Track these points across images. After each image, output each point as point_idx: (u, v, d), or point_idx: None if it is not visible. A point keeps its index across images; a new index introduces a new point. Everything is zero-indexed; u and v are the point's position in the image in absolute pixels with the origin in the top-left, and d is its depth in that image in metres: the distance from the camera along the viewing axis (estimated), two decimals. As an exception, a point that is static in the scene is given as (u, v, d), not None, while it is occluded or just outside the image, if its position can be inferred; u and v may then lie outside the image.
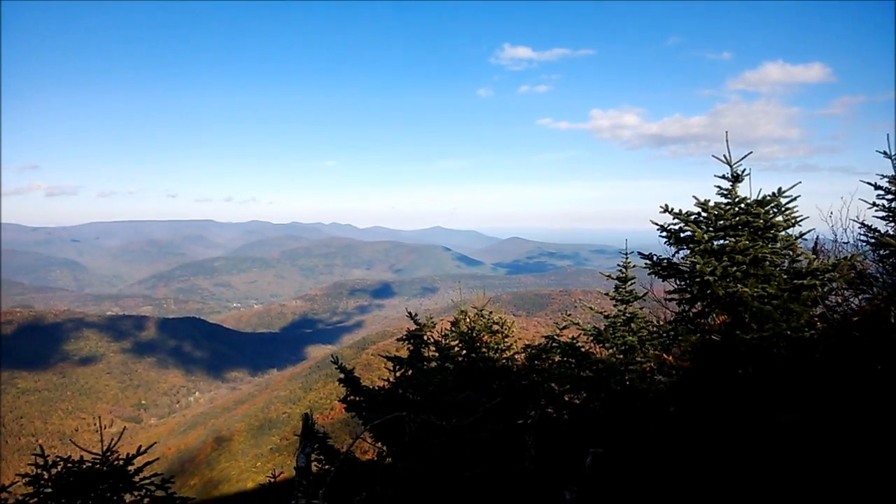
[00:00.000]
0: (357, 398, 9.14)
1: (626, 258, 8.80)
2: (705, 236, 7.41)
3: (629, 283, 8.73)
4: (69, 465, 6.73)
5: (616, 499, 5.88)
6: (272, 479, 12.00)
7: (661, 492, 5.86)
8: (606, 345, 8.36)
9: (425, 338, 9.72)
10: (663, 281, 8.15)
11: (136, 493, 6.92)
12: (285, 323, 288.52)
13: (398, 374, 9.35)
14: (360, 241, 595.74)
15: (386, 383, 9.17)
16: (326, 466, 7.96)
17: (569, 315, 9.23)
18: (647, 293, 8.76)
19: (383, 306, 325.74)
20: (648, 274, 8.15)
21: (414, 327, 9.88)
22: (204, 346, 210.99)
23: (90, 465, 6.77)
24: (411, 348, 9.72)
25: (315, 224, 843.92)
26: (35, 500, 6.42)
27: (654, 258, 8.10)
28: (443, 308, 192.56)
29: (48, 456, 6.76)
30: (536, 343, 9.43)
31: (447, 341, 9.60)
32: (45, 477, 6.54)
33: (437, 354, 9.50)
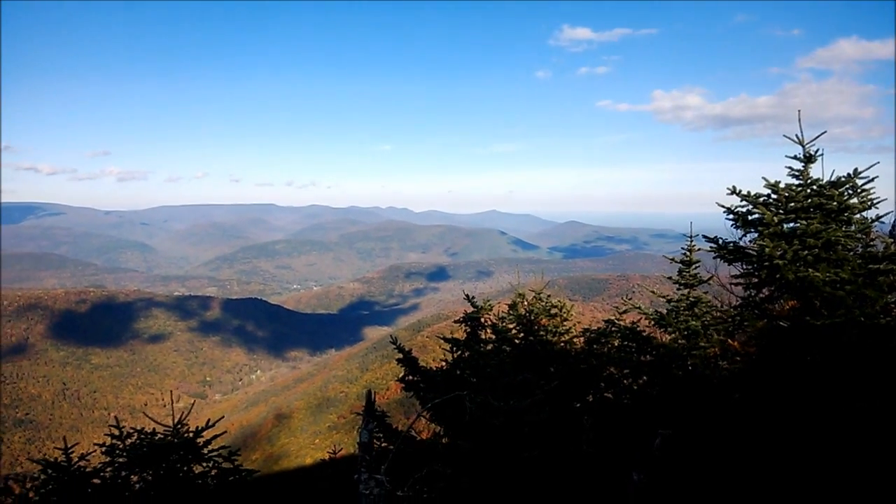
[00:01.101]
0: (415, 378, 9.24)
1: (691, 241, 8.56)
2: (775, 219, 7.14)
3: (693, 266, 8.50)
4: (143, 436, 7.07)
5: (684, 480, 5.78)
6: (332, 455, 12.30)
7: (727, 476, 5.74)
8: (669, 329, 8.17)
9: (482, 320, 9.73)
10: (729, 265, 7.92)
11: (204, 465, 7.21)
12: (343, 304, 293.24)
13: (455, 355, 9.39)
14: (416, 224, 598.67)
15: (444, 364, 9.23)
16: (384, 444, 8.09)
17: (629, 299, 9.06)
18: (711, 277, 8.52)
19: (438, 289, 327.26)
20: (714, 258, 7.93)
21: (471, 310, 9.89)
22: (265, 326, 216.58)
23: (162, 436, 7.09)
24: (468, 330, 9.74)
25: (372, 208, 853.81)
26: (111, 468, 6.76)
27: (720, 241, 7.86)
28: (497, 292, 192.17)
29: (123, 427, 7.11)
30: (595, 327, 9.31)
31: (504, 324, 9.58)
32: (121, 447, 6.89)
33: (494, 337, 9.49)
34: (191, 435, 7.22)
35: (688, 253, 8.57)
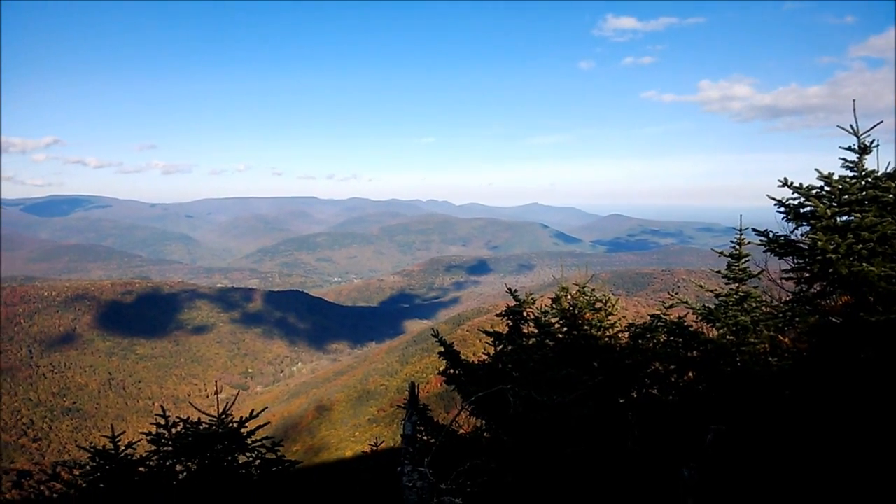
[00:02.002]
0: (456, 371, 9.26)
1: (740, 235, 8.38)
2: (828, 212, 6.95)
3: (743, 260, 8.32)
4: (188, 425, 7.25)
5: (736, 477, 5.69)
6: (374, 448, 12.44)
7: (778, 473, 5.63)
8: (717, 325, 8.01)
9: (525, 314, 9.70)
10: (779, 259, 7.75)
11: (248, 455, 7.35)
12: (383, 297, 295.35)
13: (497, 349, 9.38)
14: (457, 217, 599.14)
15: (486, 358, 9.23)
16: (426, 437, 8.15)
17: (675, 294, 8.91)
18: (761, 272, 8.33)
19: (479, 283, 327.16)
20: (764, 251, 7.76)
21: (513, 303, 9.86)
22: (307, 318, 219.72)
23: (207, 426, 7.25)
24: (510, 324, 9.72)
25: (413, 201, 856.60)
26: (157, 456, 6.96)
27: (771, 235, 7.69)
28: (539, 285, 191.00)
29: (169, 417, 7.32)
30: (639, 322, 9.20)
31: (547, 318, 9.53)
32: (167, 436, 7.08)
33: (536, 331, 9.45)
34: (235, 425, 7.35)
35: (737, 246, 8.38)
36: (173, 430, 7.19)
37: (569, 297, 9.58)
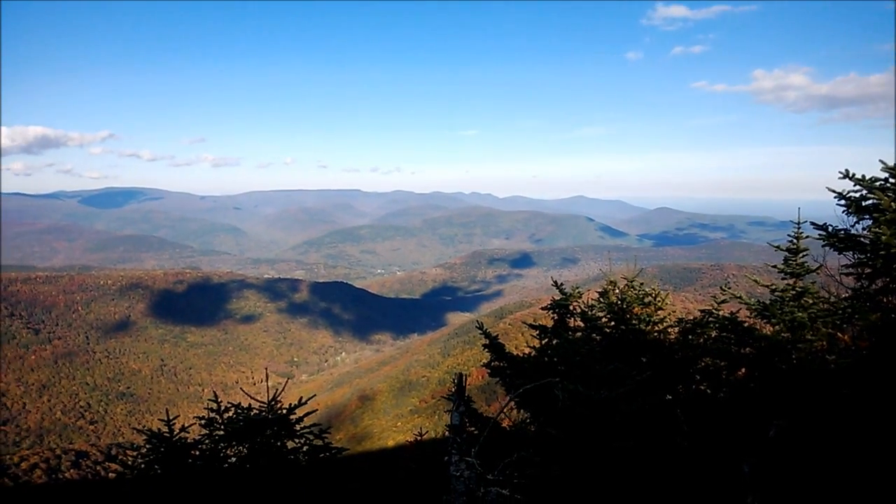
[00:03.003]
0: (501, 364, 9.21)
1: (798, 228, 8.09)
2: (893, 205, 6.65)
3: (801, 255, 8.03)
4: (239, 411, 7.39)
5: (798, 472, 5.52)
6: (418, 438, 12.50)
7: (838, 470, 5.44)
8: (772, 321, 7.76)
9: (571, 308, 9.58)
10: (839, 254, 7.47)
11: (296, 441, 7.45)
12: (426, 290, 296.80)
13: (543, 342, 9.29)
14: (500, 210, 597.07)
15: (531, 351, 9.16)
16: (471, 428, 8.12)
17: (728, 288, 8.66)
18: (819, 267, 8.03)
19: (522, 276, 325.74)
20: (822, 246, 7.50)
21: (559, 297, 9.75)
22: (351, 309, 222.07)
23: (257, 412, 7.38)
24: (556, 318, 9.62)
25: (456, 194, 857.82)
26: (209, 440, 7.11)
27: (830, 229, 7.42)
28: (583, 279, 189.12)
29: (220, 402, 7.47)
30: (689, 318, 8.99)
31: (594, 312, 9.39)
32: (219, 421, 7.23)
33: (582, 325, 9.33)
34: (284, 412, 7.45)
35: (795, 241, 8.10)
36: (225, 415, 7.33)
37: (617, 291, 9.41)
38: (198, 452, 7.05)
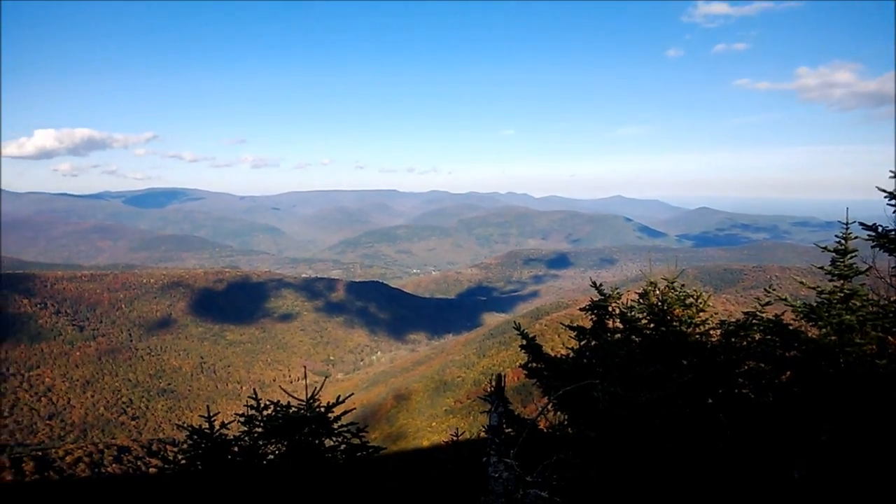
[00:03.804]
0: (539, 365, 9.15)
1: (847, 228, 7.85)
2: (947, 204, 6.42)
3: (849, 256, 7.79)
4: (278, 408, 7.49)
5: (850, 478, 5.36)
6: (454, 438, 12.50)
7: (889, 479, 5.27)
8: (819, 324, 7.55)
9: (610, 309, 9.47)
10: (889, 255, 7.24)
11: (334, 439, 7.52)
12: (461, 290, 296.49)
13: (581, 344, 9.21)
14: (536, 210, 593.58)
15: (569, 352, 9.09)
16: (508, 430, 8.09)
17: (773, 290, 8.45)
18: (869, 268, 7.78)
19: (558, 277, 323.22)
20: (872, 247, 7.27)
21: (597, 298, 9.66)
22: (386, 308, 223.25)
23: (296, 410, 7.47)
24: (595, 319, 9.53)
25: (492, 194, 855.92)
26: (249, 437, 7.23)
27: (880, 229, 7.18)
28: (621, 280, 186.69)
29: (260, 400, 7.59)
30: (733, 320, 8.80)
31: (633, 313, 9.27)
32: (258, 418, 7.35)
33: (622, 326, 9.22)
34: (322, 410, 7.51)
35: (843, 241, 7.86)
36: (264, 413, 7.44)
37: (657, 292, 9.26)
38: (237, 449, 7.18)
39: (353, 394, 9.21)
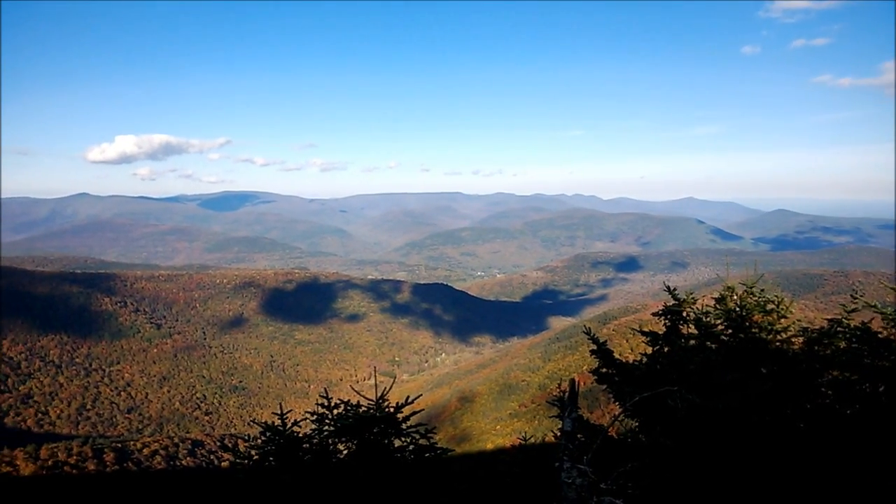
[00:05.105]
0: (610, 371, 9.00)
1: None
2: None
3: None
4: (349, 408, 7.63)
5: None
6: (522, 442, 12.42)
7: None
8: (914, 332, 7.14)
9: (684, 314, 9.23)
10: None
11: (403, 439, 7.60)
12: (526, 293, 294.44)
13: (654, 350, 9.01)
14: (604, 212, 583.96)
15: (642, 358, 8.90)
16: (579, 435, 7.99)
17: (859, 296, 8.05)
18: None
19: (627, 280, 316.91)
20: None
21: (670, 302, 9.43)
22: (451, 310, 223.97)
23: (366, 410, 7.59)
24: (668, 324, 9.29)
25: (558, 195, 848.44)
26: (319, 435, 7.40)
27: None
28: (693, 284, 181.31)
29: (330, 398, 7.75)
30: (816, 327, 8.41)
31: (709, 319, 9.00)
32: (329, 416, 7.50)
33: (696, 332, 8.96)
34: (391, 410, 7.59)
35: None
36: (335, 412, 7.58)
37: (735, 297, 8.96)
38: (309, 447, 7.34)
39: (421, 395, 9.29)
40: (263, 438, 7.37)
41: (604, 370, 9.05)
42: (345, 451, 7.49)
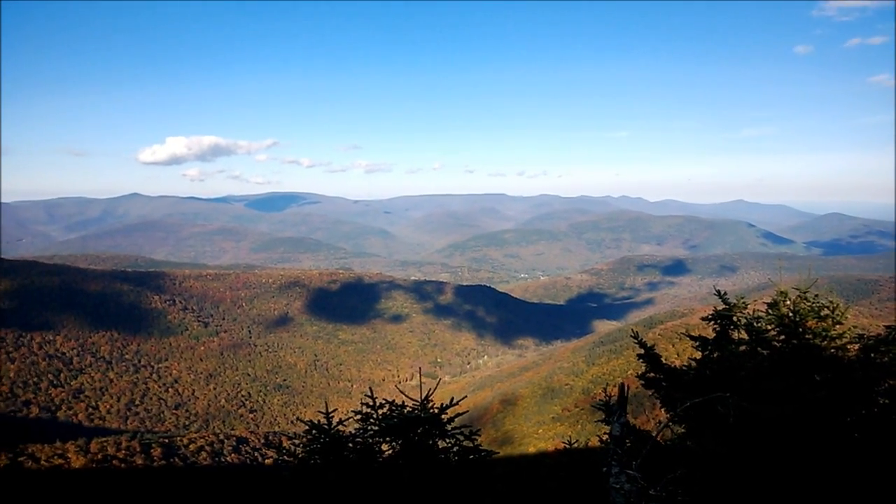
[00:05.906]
0: (657, 376, 8.92)
1: None
2: None
3: None
4: (393, 408, 7.74)
5: None
6: (567, 446, 12.39)
7: None
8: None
9: (735, 319, 9.09)
10: None
11: (447, 441, 7.66)
12: (570, 295, 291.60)
13: (703, 355, 8.90)
14: (651, 215, 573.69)
15: (691, 363, 8.80)
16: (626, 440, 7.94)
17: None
18: None
19: (674, 284, 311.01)
20: None
21: (720, 307, 9.29)
22: (494, 312, 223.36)
23: (410, 410, 7.68)
24: (718, 329, 9.16)
25: (603, 197, 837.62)
26: (364, 434, 7.52)
27: None
28: (742, 289, 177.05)
29: (376, 399, 7.87)
30: (873, 334, 8.19)
31: (761, 324, 8.84)
32: (374, 416, 7.62)
33: (747, 337, 8.82)
34: (436, 411, 7.66)
35: None
36: (380, 412, 7.70)
37: (788, 302, 8.78)
38: (353, 445, 7.47)
39: (465, 396, 9.34)
40: (308, 437, 7.52)
41: (651, 375, 8.98)
42: (388, 451, 7.60)
